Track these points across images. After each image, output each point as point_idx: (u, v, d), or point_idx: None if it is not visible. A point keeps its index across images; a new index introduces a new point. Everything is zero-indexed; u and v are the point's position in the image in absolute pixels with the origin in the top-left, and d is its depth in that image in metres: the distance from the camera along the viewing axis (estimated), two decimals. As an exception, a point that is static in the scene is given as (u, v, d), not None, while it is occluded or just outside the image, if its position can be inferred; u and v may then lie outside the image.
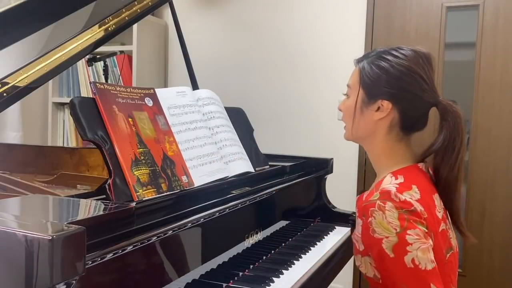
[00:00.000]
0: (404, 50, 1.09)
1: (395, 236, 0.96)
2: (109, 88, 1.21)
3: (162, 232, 1.00)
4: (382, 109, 1.09)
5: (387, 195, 0.99)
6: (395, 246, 0.96)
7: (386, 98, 1.08)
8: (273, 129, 2.78)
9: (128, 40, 2.86)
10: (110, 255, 0.86)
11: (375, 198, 1.01)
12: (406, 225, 0.96)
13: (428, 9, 2.46)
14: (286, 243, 1.59)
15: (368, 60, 1.13)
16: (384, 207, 0.98)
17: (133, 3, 1.56)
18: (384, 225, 0.97)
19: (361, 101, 1.12)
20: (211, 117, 1.50)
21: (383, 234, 0.97)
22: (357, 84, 1.14)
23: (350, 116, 1.15)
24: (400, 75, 1.06)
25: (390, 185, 1.02)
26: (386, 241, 0.97)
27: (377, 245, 1.00)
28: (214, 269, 1.22)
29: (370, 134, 1.13)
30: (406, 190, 1.00)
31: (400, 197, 0.98)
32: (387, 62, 1.08)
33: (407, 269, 0.96)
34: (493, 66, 2.35)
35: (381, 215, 0.97)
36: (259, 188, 1.46)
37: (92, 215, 0.90)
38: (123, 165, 1.10)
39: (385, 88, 1.07)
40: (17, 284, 0.68)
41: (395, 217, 0.96)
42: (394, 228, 0.96)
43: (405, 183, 1.02)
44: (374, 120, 1.10)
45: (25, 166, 1.74)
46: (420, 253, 0.95)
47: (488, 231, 2.40)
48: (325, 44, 2.67)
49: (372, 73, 1.10)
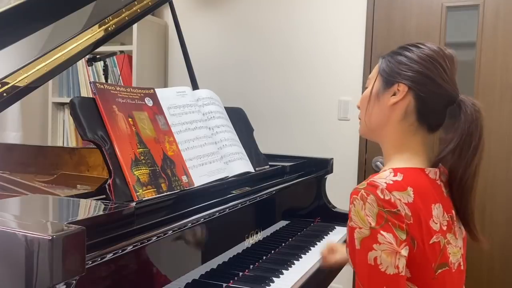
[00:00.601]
0: (431, 45, 1.07)
1: (368, 229, 0.92)
2: (109, 88, 1.21)
3: (162, 232, 1.00)
4: (398, 93, 1.04)
5: (373, 188, 0.94)
6: (364, 239, 0.93)
7: (403, 81, 1.04)
8: (273, 129, 2.78)
9: (128, 40, 2.86)
10: (110, 255, 0.86)
11: (361, 186, 0.97)
12: (383, 225, 0.92)
13: (428, 9, 2.46)
14: (286, 243, 1.59)
15: (391, 52, 1.10)
16: (366, 198, 0.94)
17: (133, 3, 1.56)
18: (361, 216, 0.93)
19: (377, 88, 1.08)
20: (211, 117, 1.51)
21: (357, 223, 0.94)
22: (375, 73, 1.11)
23: (364, 105, 1.11)
24: (419, 60, 1.03)
25: (382, 179, 0.97)
26: (358, 231, 0.94)
27: (349, 233, 0.97)
28: (214, 269, 1.22)
29: (384, 122, 1.08)
30: (398, 190, 0.95)
31: (386, 195, 0.93)
32: (410, 52, 1.06)
33: (367, 265, 0.92)
34: (493, 66, 2.35)
35: (361, 205, 0.94)
36: (259, 188, 1.46)
37: (92, 215, 0.90)
38: (123, 165, 1.10)
39: (402, 71, 1.04)
40: (17, 284, 0.68)
41: (374, 212, 0.92)
42: (369, 222, 0.92)
43: (402, 183, 0.97)
44: (389, 105, 1.05)
45: (25, 166, 1.74)
46: (385, 255, 0.91)
47: (488, 231, 2.40)
48: (325, 44, 2.67)
49: (392, 60, 1.07)
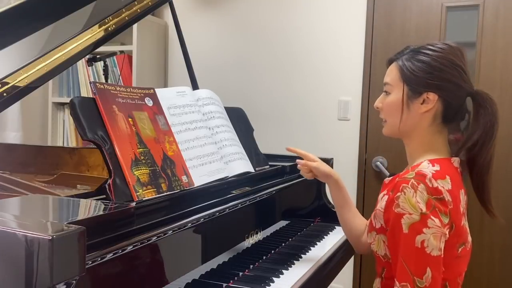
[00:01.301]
0: (439, 45, 1.14)
1: (418, 215, 1.00)
2: (109, 88, 1.21)
3: (162, 232, 1.00)
4: (428, 101, 1.12)
5: (422, 177, 1.03)
6: (414, 224, 1.00)
7: (432, 90, 1.11)
8: (273, 129, 2.78)
9: (128, 40, 2.86)
10: (110, 255, 0.86)
11: (410, 176, 1.04)
12: (431, 211, 1.01)
13: (428, 9, 2.46)
14: (286, 243, 1.59)
15: (406, 57, 1.15)
16: (417, 186, 1.02)
17: (133, 3, 1.56)
18: (412, 203, 1.01)
19: (406, 96, 1.14)
20: (211, 117, 1.51)
21: (406, 210, 1.01)
22: (398, 80, 1.15)
23: (394, 112, 1.16)
24: (442, 67, 1.10)
25: (427, 169, 1.06)
26: (407, 217, 1.01)
27: (395, 218, 1.03)
28: (214, 269, 1.22)
29: (415, 127, 1.16)
30: (440, 179, 1.04)
31: (433, 183, 1.02)
32: (427, 56, 1.12)
33: (414, 247, 1.00)
34: (493, 66, 2.35)
35: (412, 192, 1.02)
36: (259, 188, 1.46)
37: (92, 215, 0.90)
38: (123, 165, 1.10)
39: (429, 80, 1.11)
40: (17, 284, 0.68)
41: (424, 199, 1.01)
42: (420, 209, 1.00)
43: (441, 172, 1.06)
44: (420, 113, 1.13)
45: (25, 166, 1.74)
46: (432, 238, 1.00)
47: (488, 231, 2.40)
48: (324, 44, 2.67)
49: (415, 67, 1.12)
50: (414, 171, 1.06)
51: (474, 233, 2.46)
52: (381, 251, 1.14)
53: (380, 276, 1.18)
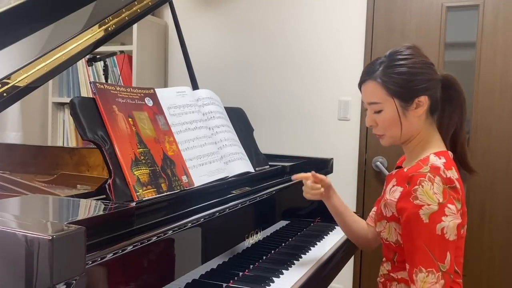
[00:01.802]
0: (405, 51, 1.22)
1: (437, 205, 1.09)
2: (109, 88, 1.21)
3: (162, 232, 1.00)
4: (420, 104, 1.20)
5: (437, 170, 1.12)
6: (433, 214, 1.09)
7: (421, 94, 1.19)
8: (273, 129, 2.78)
9: (128, 40, 2.86)
10: (110, 255, 0.86)
11: (425, 170, 1.13)
12: (448, 199, 1.10)
13: (428, 9, 2.46)
14: (286, 243, 1.59)
15: (381, 73, 1.20)
16: (433, 179, 1.11)
17: (133, 3, 1.56)
18: (430, 194, 1.10)
19: (400, 108, 1.20)
20: (211, 117, 1.51)
21: (425, 201, 1.10)
22: (385, 96, 1.20)
23: (393, 126, 1.22)
24: (419, 70, 1.19)
25: (438, 162, 1.15)
26: (426, 208, 1.10)
27: (412, 209, 1.11)
28: (214, 269, 1.22)
29: (416, 130, 1.24)
30: (449, 169, 1.14)
31: (447, 174, 1.12)
32: (403, 66, 1.19)
33: (435, 235, 1.09)
34: (493, 66, 2.35)
35: (430, 185, 1.10)
36: (259, 188, 1.46)
37: (92, 215, 0.90)
38: (123, 165, 1.10)
39: (416, 86, 1.18)
40: (17, 284, 0.68)
41: (440, 190, 1.10)
42: (438, 199, 1.09)
43: (448, 164, 1.16)
44: (417, 116, 1.21)
45: (25, 166, 1.74)
46: (451, 225, 1.09)
47: (488, 231, 2.40)
48: (324, 44, 2.67)
49: (397, 80, 1.18)
50: (427, 165, 1.14)
51: (474, 233, 2.47)
52: (392, 237, 1.22)
53: (392, 260, 1.26)
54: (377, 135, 1.28)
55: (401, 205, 1.15)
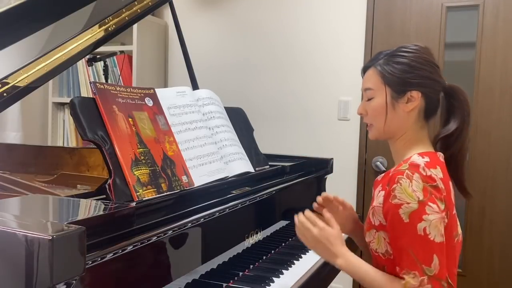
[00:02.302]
0: (412, 46, 1.19)
1: (416, 203, 1.03)
2: (109, 88, 1.21)
3: (162, 232, 1.00)
4: (412, 99, 1.16)
5: (416, 167, 1.07)
6: (413, 212, 1.03)
7: (414, 88, 1.15)
8: (273, 129, 2.78)
9: (128, 40, 2.86)
10: (110, 255, 0.86)
11: (403, 168, 1.08)
12: (428, 197, 1.04)
13: (428, 9, 2.46)
14: (286, 243, 1.60)
15: (382, 62, 1.19)
16: (412, 176, 1.05)
17: (133, 3, 1.56)
18: (408, 192, 1.04)
19: (390, 98, 1.17)
20: (211, 117, 1.51)
21: (404, 200, 1.04)
22: (380, 84, 1.18)
23: (380, 115, 1.19)
24: (420, 65, 1.16)
25: (418, 160, 1.09)
26: (406, 206, 1.03)
27: (393, 209, 1.05)
28: (214, 269, 1.22)
29: (402, 126, 1.19)
30: (432, 168, 1.08)
31: (427, 172, 1.06)
32: (404, 58, 1.16)
33: (417, 235, 1.02)
34: (493, 66, 2.35)
35: (408, 182, 1.05)
36: (259, 188, 1.46)
37: (92, 215, 0.90)
38: (123, 165, 1.10)
39: (411, 79, 1.15)
40: (17, 284, 0.68)
41: (420, 188, 1.04)
42: (417, 197, 1.03)
43: (432, 162, 1.10)
44: (406, 112, 1.17)
45: (25, 166, 1.74)
46: (433, 224, 1.02)
47: (488, 231, 2.40)
48: (324, 44, 2.67)
49: (395, 69, 1.16)
50: (407, 163, 1.09)
51: (474, 234, 2.46)
52: (382, 248, 1.14)
53: None
54: (367, 126, 1.25)
55: (385, 209, 1.09)
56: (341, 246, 1.14)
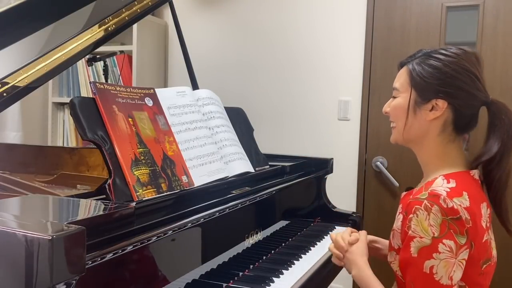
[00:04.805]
0: (453, 49, 1.07)
1: (430, 239, 0.95)
2: (109, 88, 1.21)
3: (162, 232, 1.00)
4: (437, 108, 1.06)
5: (436, 198, 0.97)
6: (424, 248, 0.96)
7: (441, 97, 1.05)
8: (273, 129, 2.78)
9: (128, 40, 2.86)
10: (110, 255, 0.86)
11: (423, 197, 0.98)
12: (446, 233, 0.95)
13: (428, 9, 2.46)
14: (286, 243, 1.60)
15: (417, 61, 1.09)
16: (430, 209, 0.96)
17: (133, 3, 1.56)
18: (424, 226, 0.96)
19: (413, 102, 1.09)
20: (211, 117, 1.51)
21: (418, 233, 0.97)
22: (406, 85, 1.10)
23: (400, 116, 1.12)
24: (454, 73, 1.04)
25: (441, 187, 0.99)
26: (418, 240, 0.97)
27: (407, 240, 0.99)
28: (214, 269, 1.22)
29: (423, 135, 1.10)
30: (456, 196, 0.98)
31: (449, 203, 0.96)
32: (438, 61, 1.06)
33: (422, 273, 0.96)
34: (493, 67, 2.35)
35: (425, 215, 0.96)
36: (259, 188, 1.46)
37: (92, 215, 0.90)
38: (123, 165, 1.10)
39: (439, 87, 1.05)
40: (17, 284, 0.68)
41: (438, 222, 0.95)
42: (433, 232, 0.95)
43: (457, 189, 1.00)
44: (428, 120, 1.08)
45: (25, 166, 1.74)
46: (442, 264, 0.95)
47: (488, 231, 2.39)
48: (325, 44, 2.67)
49: (425, 72, 1.06)
50: (427, 190, 0.99)
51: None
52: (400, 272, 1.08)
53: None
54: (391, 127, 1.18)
55: (402, 236, 1.03)
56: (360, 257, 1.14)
